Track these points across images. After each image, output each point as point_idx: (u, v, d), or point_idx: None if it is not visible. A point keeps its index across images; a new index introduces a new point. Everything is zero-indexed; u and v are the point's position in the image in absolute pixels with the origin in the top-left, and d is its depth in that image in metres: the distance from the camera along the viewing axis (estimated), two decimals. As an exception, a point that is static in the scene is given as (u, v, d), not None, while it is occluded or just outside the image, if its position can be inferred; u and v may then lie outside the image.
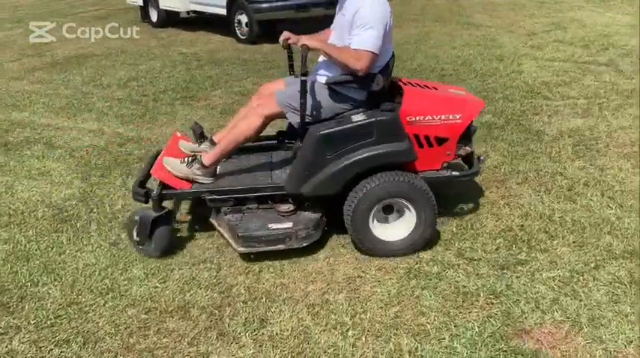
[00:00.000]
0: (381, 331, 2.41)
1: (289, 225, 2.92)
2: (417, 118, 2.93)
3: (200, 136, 3.38)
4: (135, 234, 3.01)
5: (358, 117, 2.90)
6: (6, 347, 2.38)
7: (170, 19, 11.25)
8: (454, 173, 3.09)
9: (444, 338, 2.36)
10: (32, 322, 2.52)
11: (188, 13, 10.99)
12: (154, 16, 11.39)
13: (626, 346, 2.28)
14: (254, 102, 3.23)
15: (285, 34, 3.04)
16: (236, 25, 9.45)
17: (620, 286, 2.65)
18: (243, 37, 9.34)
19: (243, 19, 9.28)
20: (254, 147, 3.50)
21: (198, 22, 11.25)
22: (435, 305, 2.57)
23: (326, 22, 3.51)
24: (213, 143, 3.17)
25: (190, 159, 3.11)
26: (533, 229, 3.14)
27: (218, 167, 3.23)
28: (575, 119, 4.85)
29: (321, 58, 3.12)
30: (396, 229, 2.96)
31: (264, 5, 9.03)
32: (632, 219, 3.20)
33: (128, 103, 5.93)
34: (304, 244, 2.93)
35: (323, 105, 2.99)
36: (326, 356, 2.28)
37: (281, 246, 2.91)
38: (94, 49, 9.09)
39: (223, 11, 9.72)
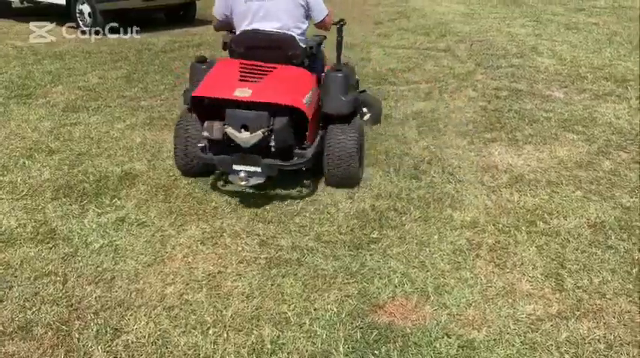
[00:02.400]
0: (243, 325, 2.40)
1: None
2: None
3: None
4: None
5: None
6: None
7: (0, 10, 10.16)
8: (200, 144, 3.38)
9: (304, 323, 2.40)
10: None
11: (22, 2, 10.00)
12: (-20, 6, 10.22)
13: (466, 308, 2.50)
14: None
15: None
16: (78, 15, 8.78)
17: (460, 254, 2.90)
18: (87, 28, 8.70)
19: (86, 8, 8.64)
20: None
21: (35, 12, 10.27)
22: (295, 291, 2.61)
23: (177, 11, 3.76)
24: None
25: None
26: (383, 208, 3.32)
27: None
28: (419, 102, 5.20)
29: None
30: None
31: (108, -6, 8.49)
32: (469, 192, 3.51)
33: (-50, 105, 5.25)
34: None
35: None
36: (186, 357, 2.22)
37: None
38: None
39: (62, 0, 8.99)
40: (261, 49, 3.45)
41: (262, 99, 3.16)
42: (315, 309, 2.49)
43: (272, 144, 3.21)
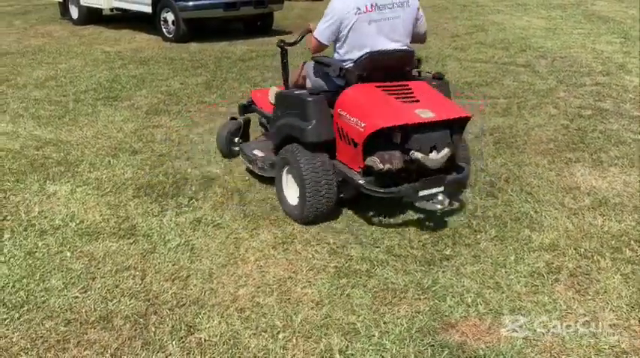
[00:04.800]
0: (312, 332, 2.40)
1: (261, 154, 3.68)
2: (343, 113, 3.08)
3: None
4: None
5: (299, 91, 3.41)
6: None
7: (92, 17, 10.83)
8: (361, 181, 3.05)
9: (373, 336, 2.38)
10: (-64, 341, 2.33)
11: (111, 10, 10.61)
12: (74, 12, 10.93)
13: (543, 334, 2.39)
14: None
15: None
16: (162, 23, 9.21)
17: (538, 277, 2.77)
18: (170, 36, 9.11)
19: (170, 17, 9.06)
20: None
21: (123, 19, 10.87)
22: (365, 302, 2.59)
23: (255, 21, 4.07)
24: None
25: None
26: (457, 225, 3.24)
27: None
28: (496, 118, 5.06)
29: None
30: (293, 193, 3.33)
31: (191, 4, 8.85)
32: (549, 213, 3.37)
33: (46, 104, 5.63)
34: (259, 173, 3.67)
35: (310, 79, 3.53)
36: (256, 360, 2.25)
37: (250, 166, 3.77)
38: (8, 46, 8.58)
39: (148, 9, 9.46)
40: (386, 69, 3.27)
41: (446, 116, 3.00)
42: (384, 323, 2.46)
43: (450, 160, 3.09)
